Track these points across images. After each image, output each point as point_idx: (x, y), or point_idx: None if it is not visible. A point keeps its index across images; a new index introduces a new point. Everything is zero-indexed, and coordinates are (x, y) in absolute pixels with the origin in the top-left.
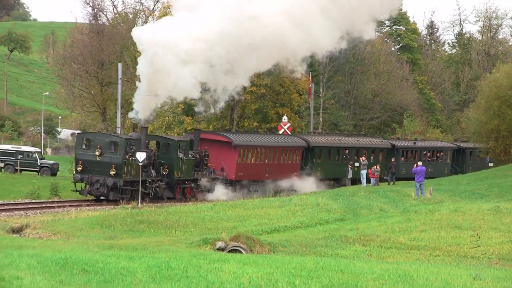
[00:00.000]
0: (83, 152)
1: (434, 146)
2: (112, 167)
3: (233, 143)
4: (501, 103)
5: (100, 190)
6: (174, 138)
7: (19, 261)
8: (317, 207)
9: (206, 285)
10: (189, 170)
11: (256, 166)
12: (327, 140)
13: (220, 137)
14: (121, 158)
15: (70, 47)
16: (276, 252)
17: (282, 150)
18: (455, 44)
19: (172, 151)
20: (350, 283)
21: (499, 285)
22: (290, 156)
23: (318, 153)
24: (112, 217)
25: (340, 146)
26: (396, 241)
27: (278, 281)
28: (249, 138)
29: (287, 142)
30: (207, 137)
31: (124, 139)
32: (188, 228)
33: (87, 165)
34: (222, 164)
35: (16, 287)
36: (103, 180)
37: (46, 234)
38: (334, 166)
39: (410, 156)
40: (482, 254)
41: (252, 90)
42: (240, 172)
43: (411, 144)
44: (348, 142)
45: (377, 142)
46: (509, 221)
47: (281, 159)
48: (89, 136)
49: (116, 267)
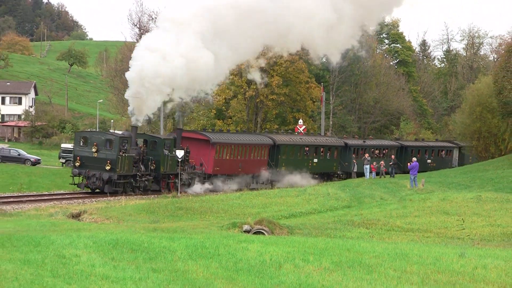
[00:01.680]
0: (81, 149)
1: (381, 144)
2: (108, 163)
3: (211, 141)
4: (482, 109)
5: (96, 183)
6: (161, 137)
7: (77, 241)
8: (328, 196)
9: (234, 262)
10: (173, 166)
11: (231, 161)
12: (290, 139)
13: (200, 135)
14: (116, 154)
15: (121, 62)
16: (293, 234)
17: (252, 147)
18: (444, 59)
19: (159, 148)
20: (355, 260)
21: (480, 262)
22: (259, 152)
23: (282, 150)
24: (156, 205)
25: (301, 144)
26: (394, 225)
27: (295, 258)
28: (224, 137)
29: (257, 140)
30: (188, 135)
31: (118, 137)
32: (219, 213)
33: (85, 160)
34: (201, 160)
35: (75, 263)
36: (99, 174)
37: (100, 219)
38: (296, 162)
39: (361, 153)
40: (466, 236)
41: (273, 98)
42: (217, 167)
43: (361, 143)
44: (307, 141)
45: (333, 140)
46: (489, 208)
47: (251, 156)
48: (86, 134)
49: (159, 246)
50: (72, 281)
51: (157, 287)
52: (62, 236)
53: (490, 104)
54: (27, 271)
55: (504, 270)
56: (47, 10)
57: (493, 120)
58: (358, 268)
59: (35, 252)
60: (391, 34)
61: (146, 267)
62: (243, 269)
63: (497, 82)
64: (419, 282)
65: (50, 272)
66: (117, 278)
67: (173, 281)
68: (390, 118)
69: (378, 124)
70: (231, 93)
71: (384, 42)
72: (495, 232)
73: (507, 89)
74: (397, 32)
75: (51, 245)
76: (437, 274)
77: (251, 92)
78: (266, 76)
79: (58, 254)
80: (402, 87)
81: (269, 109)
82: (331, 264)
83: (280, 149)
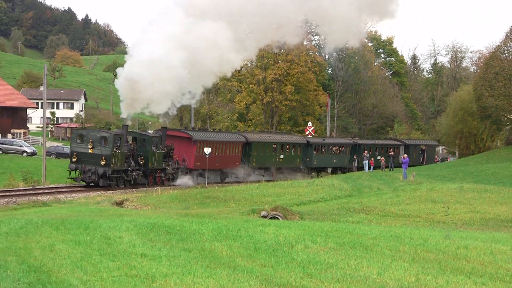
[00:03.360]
0: (77, 146)
1: (338, 142)
2: (102, 158)
3: (193, 139)
4: (464, 112)
5: (92, 177)
6: (149, 134)
7: (120, 225)
8: (333, 186)
9: (253, 242)
10: (160, 161)
11: (210, 157)
12: (260, 137)
13: (183, 133)
14: (110, 150)
15: None
16: (303, 218)
17: (228, 145)
18: (431, 71)
19: (147, 145)
20: (356, 241)
21: (462, 242)
22: (233, 149)
23: (254, 147)
24: (187, 194)
25: (270, 141)
26: (389, 211)
27: (305, 239)
28: (204, 135)
29: (232, 138)
30: (172, 133)
31: (113, 134)
32: (241, 201)
33: (81, 156)
34: (183, 156)
35: (118, 243)
36: (94, 169)
37: (140, 206)
38: (265, 157)
39: (320, 149)
40: (450, 221)
41: (287, 103)
42: (198, 162)
43: (321, 141)
44: (275, 139)
45: (297, 139)
46: (470, 196)
47: (227, 152)
48: (82, 132)
49: (190, 229)
50: (116, 258)
51: (187, 264)
52: (107, 220)
53: (470, 109)
54: (78, 250)
55: (482, 250)
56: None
57: (473, 122)
58: (359, 248)
59: (85, 234)
60: (386, 49)
61: (178, 247)
62: (261, 248)
63: (477, 90)
64: (410, 260)
65: (97, 251)
66: (154, 256)
67: (201, 258)
68: (385, 120)
69: (376, 125)
70: (251, 99)
71: (380, 56)
72: (475, 217)
73: (485, 96)
74: (391, 48)
75: (98, 228)
76: (426, 253)
77: (267, 99)
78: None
79: (104, 235)
80: (396, 94)
81: (283, 113)
82: (336, 244)
83: (251, 146)
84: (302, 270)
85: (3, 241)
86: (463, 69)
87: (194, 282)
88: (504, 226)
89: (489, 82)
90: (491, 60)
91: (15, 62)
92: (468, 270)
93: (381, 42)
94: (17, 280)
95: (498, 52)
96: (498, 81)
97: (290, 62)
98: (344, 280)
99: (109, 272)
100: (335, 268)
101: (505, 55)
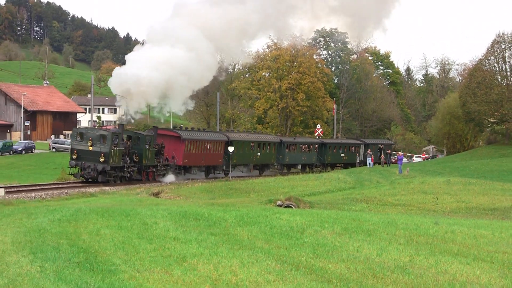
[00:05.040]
0: (77, 143)
1: (307, 141)
2: (101, 155)
3: (182, 137)
4: (451, 116)
5: (91, 174)
6: (143, 133)
7: (156, 213)
8: (338, 180)
9: (270, 227)
10: (152, 158)
11: (197, 155)
12: (240, 136)
13: (172, 132)
14: (109, 148)
15: None
16: (313, 207)
17: (212, 143)
18: (423, 80)
19: (141, 143)
20: (358, 226)
21: (449, 228)
22: (217, 147)
23: (234, 145)
24: (213, 186)
25: (249, 140)
26: (387, 201)
27: (314, 225)
28: (192, 134)
29: (216, 137)
30: (163, 132)
31: (111, 133)
32: (259, 192)
33: (81, 154)
34: (173, 153)
35: (154, 228)
36: (94, 166)
37: (173, 196)
38: (244, 155)
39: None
40: (439, 209)
41: (299, 109)
42: (186, 159)
43: (292, 140)
44: (253, 138)
45: (271, 138)
46: (456, 188)
47: (211, 150)
48: (82, 130)
49: (216, 216)
50: (153, 241)
51: (214, 246)
52: (145, 209)
53: (456, 113)
54: (120, 234)
55: (467, 234)
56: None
57: (459, 125)
58: (360, 232)
59: (126, 221)
60: (384, 62)
61: (206, 232)
62: (277, 232)
63: (462, 97)
64: (404, 243)
65: (137, 235)
66: (185, 239)
67: (225, 241)
68: (383, 123)
69: (375, 128)
70: (268, 105)
71: (379, 68)
72: (460, 206)
73: (469, 102)
74: (388, 61)
75: (137, 216)
76: (418, 237)
77: (282, 104)
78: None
79: (142, 222)
80: (392, 100)
81: (295, 117)
82: (341, 229)
83: (232, 144)
84: (312, 252)
85: (56, 226)
86: (450, 79)
87: (219, 261)
88: (486, 214)
89: (473, 90)
90: (474, 71)
91: (66, 74)
92: (454, 252)
93: (379, 56)
94: (68, 260)
95: (480, 64)
96: (480, 89)
97: (301, 73)
98: (348, 260)
99: (146, 253)
100: (340, 249)
101: (486, 67)
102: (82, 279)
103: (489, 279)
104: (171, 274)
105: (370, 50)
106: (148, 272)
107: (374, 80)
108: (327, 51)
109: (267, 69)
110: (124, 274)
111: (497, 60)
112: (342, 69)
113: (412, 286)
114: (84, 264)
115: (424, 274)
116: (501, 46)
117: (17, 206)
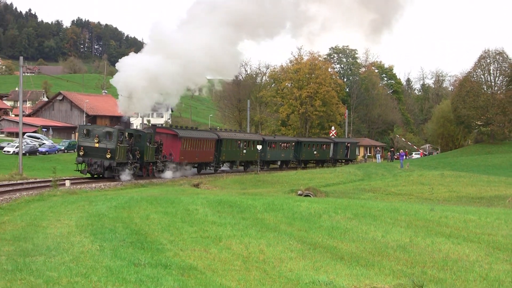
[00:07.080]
0: (84, 140)
1: (285, 139)
2: (108, 152)
3: (179, 136)
4: (444, 120)
5: (98, 170)
6: (144, 131)
7: (197, 201)
8: (349, 173)
9: (292, 213)
10: (152, 155)
11: (192, 152)
12: (228, 135)
13: (170, 131)
14: (115, 144)
15: (223, 91)
16: (328, 196)
17: (204, 141)
18: (420, 90)
19: (143, 141)
20: (366, 212)
21: (443, 213)
22: (208, 145)
23: (224, 143)
24: (244, 178)
25: (236, 139)
26: (390, 191)
27: (329, 211)
28: (188, 133)
29: (208, 135)
30: (162, 131)
31: (117, 130)
32: (283, 184)
33: (87, 150)
34: (170, 150)
35: (195, 214)
36: (100, 162)
37: (211, 187)
38: (232, 152)
39: (272, 146)
40: (434, 198)
41: (316, 113)
42: (182, 156)
43: (273, 138)
44: (240, 137)
45: (256, 136)
46: (448, 180)
47: (204, 147)
48: (89, 127)
49: (246, 204)
50: (194, 225)
51: (245, 228)
52: (187, 197)
53: (449, 117)
54: (166, 218)
55: (458, 219)
56: None
57: (451, 127)
58: (368, 217)
59: (171, 207)
60: (388, 74)
61: (238, 216)
62: (298, 217)
63: (453, 104)
64: (405, 226)
65: (180, 219)
66: (221, 223)
67: (254, 225)
68: (387, 125)
69: (380, 129)
70: (290, 110)
71: (383, 79)
72: (452, 195)
73: (459, 108)
74: (392, 73)
75: (181, 203)
76: (417, 221)
77: (302, 110)
78: (311, 100)
79: (185, 208)
80: (395, 106)
81: (313, 120)
82: (352, 215)
83: (222, 142)
84: (327, 233)
85: (113, 212)
86: (443, 88)
87: (249, 242)
88: (474, 202)
89: (463, 98)
90: (464, 82)
91: None
92: (447, 233)
93: (384, 69)
94: (123, 240)
95: (469, 76)
96: (469, 97)
97: (318, 84)
98: (357, 240)
99: (188, 234)
100: (351, 232)
101: (474, 78)
102: (134, 256)
103: (477, 256)
104: (209, 252)
105: (376, 64)
106: (189, 250)
107: (380, 89)
108: (340, 65)
109: (290, 80)
110: (170, 252)
111: (483, 73)
112: (353, 80)
113: (412, 263)
114: (136, 244)
115: (422, 252)
116: (486, 61)
117: (80, 195)
